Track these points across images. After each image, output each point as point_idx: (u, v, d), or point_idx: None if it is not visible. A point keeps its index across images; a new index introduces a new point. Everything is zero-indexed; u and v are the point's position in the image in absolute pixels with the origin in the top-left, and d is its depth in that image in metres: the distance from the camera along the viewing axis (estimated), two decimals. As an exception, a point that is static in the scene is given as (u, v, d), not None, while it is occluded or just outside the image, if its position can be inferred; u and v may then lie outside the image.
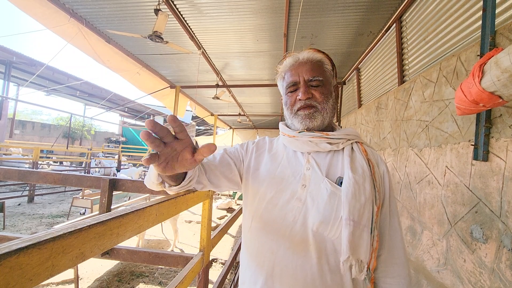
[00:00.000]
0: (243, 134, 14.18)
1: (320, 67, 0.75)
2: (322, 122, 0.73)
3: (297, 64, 0.75)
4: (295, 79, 0.74)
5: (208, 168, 0.75)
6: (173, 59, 4.89)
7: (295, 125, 0.76)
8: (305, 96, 0.71)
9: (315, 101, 0.72)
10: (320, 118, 0.73)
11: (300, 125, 0.73)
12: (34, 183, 2.62)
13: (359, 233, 0.59)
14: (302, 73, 0.73)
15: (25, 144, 11.05)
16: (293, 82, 0.74)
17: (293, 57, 0.77)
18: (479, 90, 1.31)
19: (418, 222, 2.26)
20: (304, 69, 0.73)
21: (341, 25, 3.42)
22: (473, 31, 1.87)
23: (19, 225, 4.83)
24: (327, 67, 0.76)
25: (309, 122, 0.72)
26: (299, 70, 0.74)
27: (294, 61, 0.76)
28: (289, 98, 0.76)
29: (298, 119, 0.74)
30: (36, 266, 0.33)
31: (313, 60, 0.75)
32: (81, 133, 21.03)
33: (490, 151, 1.53)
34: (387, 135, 3.07)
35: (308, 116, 0.72)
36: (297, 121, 0.74)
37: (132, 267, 3.30)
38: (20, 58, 8.65)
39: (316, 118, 0.72)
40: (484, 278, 1.51)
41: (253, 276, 0.69)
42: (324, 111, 0.73)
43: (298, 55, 0.76)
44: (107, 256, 1.37)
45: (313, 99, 0.72)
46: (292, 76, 0.75)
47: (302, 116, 0.73)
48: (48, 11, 3.12)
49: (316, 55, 0.75)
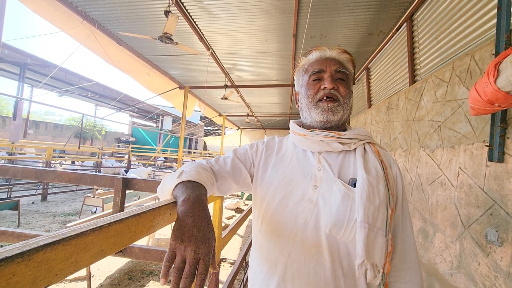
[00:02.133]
0: (251, 134, 14.21)
1: (346, 64, 0.76)
2: (341, 118, 0.72)
3: (324, 57, 0.75)
4: (322, 67, 0.73)
5: (220, 175, 0.75)
6: (182, 60, 4.94)
7: (312, 117, 0.73)
8: (331, 85, 0.70)
9: (339, 94, 0.71)
10: (341, 113, 0.71)
11: (320, 116, 0.71)
12: (50, 181, 2.68)
13: (374, 237, 0.58)
14: (330, 64, 0.73)
15: (39, 144, 11.34)
16: (319, 69, 0.73)
17: (320, 51, 0.76)
18: (494, 90, 1.28)
19: (430, 224, 2.22)
20: (332, 62, 0.74)
21: (350, 25, 3.39)
22: (487, 29, 1.83)
23: (33, 222, 4.96)
24: (350, 69, 0.77)
25: (331, 115, 0.70)
26: (327, 62, 0.74)
27: (321, 54, 0.76)
28: (311, 87, 0.74)
29: (319, 110, 0.71)
30: (62, 261, 0.35)
31: (340, 58, 0.75)
32: (92, 133, 21.42)
33: (505, 152, 1.49)
34: (398, 136, 3.03)
35: (331, 109, 0.70)
36: (316, 112, 0.72)
37: (142, 265, 3.35)
38: (34, 60, 8.87)
39: (338, 112, 0.71)
40: (500, 282, 1.47)
41: (265, 280, 0.67)
42: (346, 107, 0.72)
43: (327, 50, 0.76)
44: (121, 254, 1.40)
45: (338, 91, 0.71)
46: (318, 65, 0.74)
47: (324, 108, 0.71)
48: (62, 14, 3.21)
49: (344, 55, 0.76)
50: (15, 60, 9.17)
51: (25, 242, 0.32)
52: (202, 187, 0.62)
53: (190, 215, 0.51)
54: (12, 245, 0.31)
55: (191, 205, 0.53)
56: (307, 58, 0.78)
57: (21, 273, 0.30)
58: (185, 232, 0.48)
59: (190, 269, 0.45)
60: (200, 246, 0.47)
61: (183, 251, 0.46)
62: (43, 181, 6.29)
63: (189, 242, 0.47)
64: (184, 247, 0.46)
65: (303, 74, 0.78)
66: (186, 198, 0.55)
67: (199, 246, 0.47)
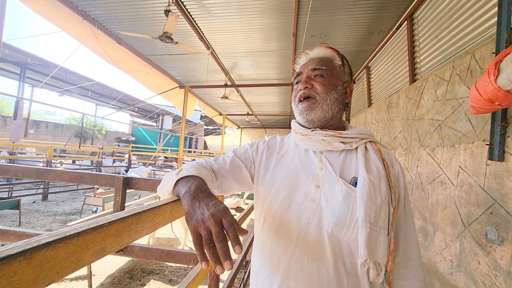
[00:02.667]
0: (251, 133, 14.20)
1: (327, 61, 0.76)
2: (324, 115, 0.72)
3: (307, 60, 0.78)
4: (301, 70, 0.77)
5: (220, 174, 0.75)
6: (183, 59, 4.94)
7: (298, 119, 0.77)
8: (303, 86, 0.73)
9: (315, 91, 0.72)
10: (319, 110, 0.72)
11: (300, 117, 0.75)
12: (51, 181, 2.69)
13: (376, 235, 0.58)
14: (309, 65, 0.76)
15: (40, 144, 11.36)
16: (298, 73, 0.77)
17: (305, 55, 0.79)
18: (494, 89, 1.28)
19: (430, 223, 2.22)
20: (311, 63, 0.76)
21: (350, 23, 3.38)
22: (488, 28, 1.83)
23: (34, 222, 4.97)
24: (336, 62, 0.77)
25: (307, 114, 0.72)
26: (306, 64, 0.77)
27: (305, 58, 0.79)
28: (294, 91, 0.78)
29: (298, 112, 0.75)
30: (63, 260, 0.35)
31: (322, 55, 0.77)
32: (92, 132, 21.44)
33: (506, 151, 1.49)
34: (398, 135, 3.02)
35: (306, 108, 0.73)
36: (297, 114, 0.76)
37: (143, 264, 3.36)
38: (34, 59, 8.87)
39: (315, 109, 0.72)
40: (500, 281, 1.47)
41: (268, 279, 0.67)
42: (323, 102, 0.72)
43: (310, 52, 0.78)
44: (121, 253, 1.41)
45: (313, 89, 0.73)
46: (299, 69, 0.78)
47: (301, 109, 0.74)
48: (62, 14, 3.21)
49: (325, 51, 0.77)
50: (15, 60, 9.18)
51: (27, 240, 0.33)
52: (201, 180, 0.63)
53: (196, 200, 0.53)
54: (13, 244, 0.31)
55: (194, 193, 0.55)
56: (297, 64, 0.82)
57: (23, 272, 0.30)
58: (195, 212, 0.50)
59: (218, 231, 0.46)
60: (214, 209, 0.49)
61: (202, 224, 0.47)
62: (44, 180, 6.30)
63: (203, 214, 0.49)
64: (201, 220, 0.48)
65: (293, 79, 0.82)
66: (187, 190, 0.57)
67: (213, 209, 0.49)
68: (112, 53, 4.24)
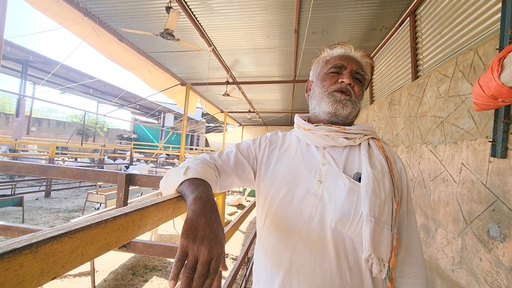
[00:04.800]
0: (252, 131, 14.21)
1: (366, 68, 0.77)
2: (349, 115, 0.73)
3: (347, 55, 0.76)
4: (344, 63, 0.74)
5: (223, 171, 0.74)
6: (184, 57, 4.93)
7: (322, 107, 0.74)
8: (349, 80, 0.71)
9: (354, 91, 0.73)
10: (350, 109, 0.72)
11: (330, 107, 0.72)
12: (54, 177, 2.70)
13: (380, 230, 0.58)
14: (352, 63, 0.74)
15: (42, 141, 11.41)
16: (341, 65, 0.75)
17: (345, 48, 0.77)
18: (498, 85, 1.27)
19: (432, 220, 2.22)
20: (354, 62, 0.75)
21: (353, 20, 3.36)
22: (491, 24, 1.81)
23: (37, 218, 5.01)
24: (368, 74, 0.78)
25: (340, 107, 0.71)
26: (349, 60, 0.75)
27: (345, 51, 0.77)
28: (329, 78, 0.75)
29: (330, 100, 0.72)
30: (68, 253, 0.35)
31: (362, 61, 0.76)
32: (94, 130, 21.51)
33: (508, 148, 1.48)
34: (400, 132, 3.02)
35: (342, 101, 0.71)
36: (327, 102, 0.72)
37: (145, 260, 3.38)
38: (36, 57, 8.89)
39: (348, 107, 0.71)
40: (501, 278, 1.48)
41: (270, 275, 0.67)
42: (355, 105, 0.73)
43: (351, 48, 0.77)
44: (124, 248, 1.42)
45: (353, 88, 0.73)
46: (341, 60, 0.75)
47: (336, 99, 0.71)
48: (63, 10, 3.21)
49: (366, 59, 0.77)
50: (17, 58, 9.20)
51: (32, 234, 0.33)
52: (209, 186, 0.62)
53: (203, 215, 0.50)
54: (19, 237, 0.32)
55: (203, 205, 0.53)
56: (331, 51, 0.79)
57: (28, 265, 0.30)
58: (197, 232, 0.48)
59: (203, 269, 0.44)
60: (214, 246, 0.46)
61: (196, 250, 0.45)
62: (47, 177, 6.34)
63: (202, 242, 0.46)
64: (197, 247, 0.46)
65: (323, 64, 0.79)
66: (198, 197, 0.55)
67: (213, 246, 0.46)
68: (114, 50, 4.24)
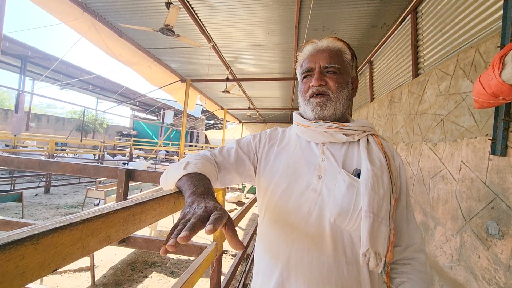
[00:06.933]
0: (252, 128, 14.20)
1: (338, 55, 0.73)
2: (335, 112, 0.72)
3: (315, 51, 0.74)
4: (311, 66, 0.73)
5: (223, 167, 0.75)
6: (184, 53, 4.91)
7: (307, 113, 0.74)
8: (317, 83, 0.70)
9: (329, 89, 0.71)
10: (332, 107, 0.71)
11: (312, 113, 0.72)
12: (53, 172, 2.70)
13: (378, 226, 0.59)
14: (319, 60, 0.72)
15: (41, 137, 11.38)
16: (308, 68, 0.73)
17: (312, 45, 0.75)
18: (499, 83, 1.27)
19: (431, 218, 2.23)
20: (322, 56, 0.72)
21: (353, 17, 3.35)
22: (493, 21, 1.81)
23: (37, 214, 5.02)
24: (346, 57, 0.74)
25: (320, 111, 0.71)
26: (316, 57, 0.73)
27: (313, 48, 0.75)
28: (303, 85, 0.75)
29: (310, 107, 0.72)
30: (69, 246, 0.35)
31: (332, 48, 0.73)
32: (94, 126, 21.46)
33: (508, 146, 1.48)
34: (400, 129, 3.02)
35: (319, 104, 0.71)
36: (308, 109, 0.73)
37: (145, 256, 3.39)
38: (35, 52, 8.83)
39: (328, 106, 0.71)
40: (499, 275, 1.48)
41: (268, 268, 0.68)
42: (336, 101, 0.71)
43: (318, 43, 0.75)
44: (124, 244, 1.42)
45: (327, 86, 0.71)
46: (308, 62, 0.74)
47: (313, 104, 0.71)
48: (62, 5, 3.18)
49: (336, 44, 0.74)
50: (16, 53, 9.14)
51: (33, 226, 0.33)
52: (208, 180, 0.62)
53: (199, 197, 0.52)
54: (21, 229, 0.32)
55: (200, 194, 0.53)
56: (302, 53, 0.78)
57: (30, 256, 0.30)
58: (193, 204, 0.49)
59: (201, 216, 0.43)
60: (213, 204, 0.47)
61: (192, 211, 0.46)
62: (47, 172, 6.34)
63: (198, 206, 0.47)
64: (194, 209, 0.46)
65: (300, 68, 0.78)
66: (194, 191, 0.55)
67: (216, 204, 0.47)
68: (113, 46, 4.22)
